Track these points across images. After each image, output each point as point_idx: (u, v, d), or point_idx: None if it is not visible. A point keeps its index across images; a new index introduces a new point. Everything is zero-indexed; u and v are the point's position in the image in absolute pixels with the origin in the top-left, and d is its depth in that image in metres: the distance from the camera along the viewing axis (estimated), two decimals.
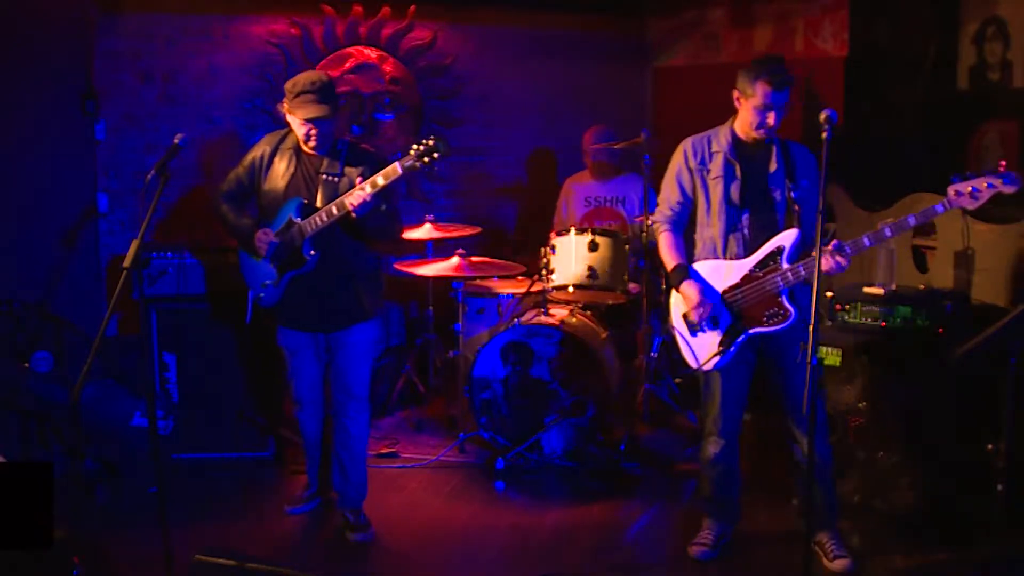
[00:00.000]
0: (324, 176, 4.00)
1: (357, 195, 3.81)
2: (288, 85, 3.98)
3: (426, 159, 3.75)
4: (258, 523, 4.38)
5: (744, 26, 6.33)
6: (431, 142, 3.76)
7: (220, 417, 4.98)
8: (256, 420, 4.99)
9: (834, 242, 3.58)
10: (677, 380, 5.70)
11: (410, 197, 6.50)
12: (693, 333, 3.86)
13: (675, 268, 3.88)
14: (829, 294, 4.48)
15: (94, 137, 5.67)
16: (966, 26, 5.09)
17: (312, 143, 4.01)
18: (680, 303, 3.88)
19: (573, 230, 5.15)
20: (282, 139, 4.14)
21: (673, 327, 3.94)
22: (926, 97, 5.26)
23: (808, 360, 3.21)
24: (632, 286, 5.21)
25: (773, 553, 4.04)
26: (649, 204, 5.36)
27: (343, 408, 4.21)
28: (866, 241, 3.54)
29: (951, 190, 3.41)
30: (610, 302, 5.40)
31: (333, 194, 3.95)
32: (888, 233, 3.50)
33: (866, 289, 4.39)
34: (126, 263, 3.28)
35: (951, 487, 4.08)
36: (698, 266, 3.88)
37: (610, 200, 5.98)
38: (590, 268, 5.06)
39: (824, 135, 3.40)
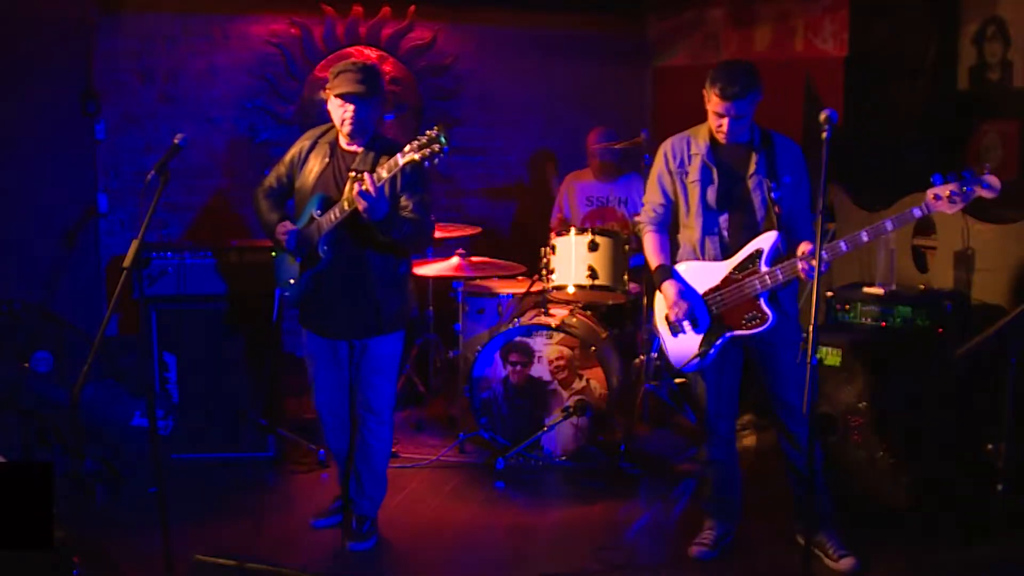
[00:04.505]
0: (354, 172, 3.81)
1: (360, 189, 3.63)
2: (331, 69, 3.90)
3: (426, 151, 3.55)
4: (258, 523, 4.37)
5: (744, 26, 6.34)
6: (433, 132, 3.57)
7: (220, 417, 4.98)
8: (256, 420, 4.99)
9: (809, 247, 3.57)
10: (677, 380, 5.71)
11: None
12: (674, 334, 3.86)
13: (657, 268, 3.89)
14: (829, 294, 4.48)
15: (94, 137, 5.68)
16: (966, 26, 5.09)
17: (347, 128, 3.85)
18: (662, 304, 3.89)
19: (573, 230, 5.15)
20: (322, 134, 4.04)
21: (656, 328, 3.95)
22: (926, 97, 5.26)
23: (808, 360, 3.22)
24: (632, 286, 5.21)
25: (773, 553, 4.04)
26: None
27: (363, 420, 4.12)
28: (843, 246, 3.51)
29: (930, 193, 3.40)
30: (610, 302, 5.41)
31: None
32: (865, 238, 3.49)
33: (866, 289, 4.39)
34: (126, 263, 3.28)
35: (951, 487, 4.08)
36: (680, 267, 3.88)
37: (612, 200, 5.99)
38: (590, 268, 5.06)
39: (824, 135, 3.40)
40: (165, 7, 5.91)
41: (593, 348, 4.97)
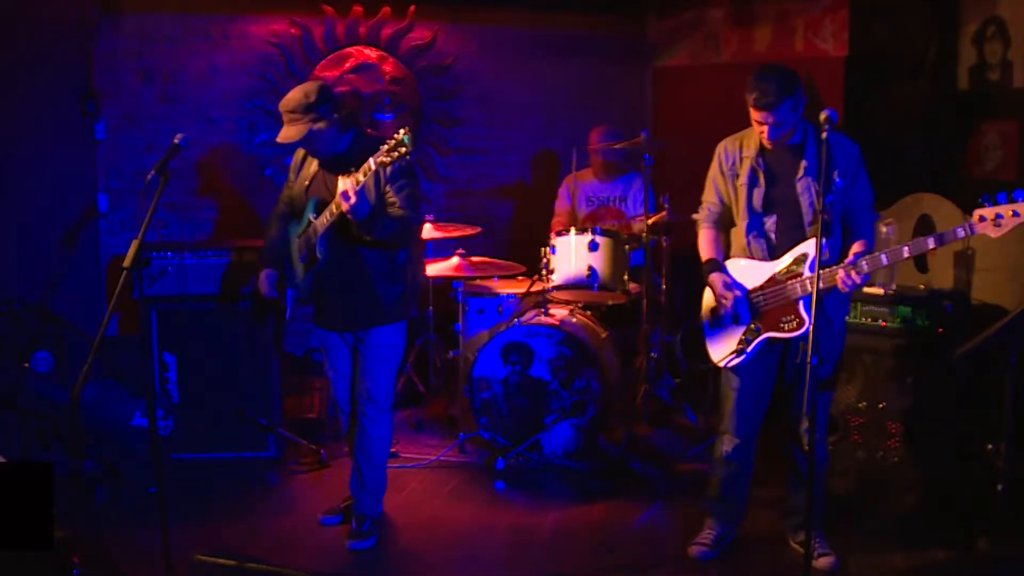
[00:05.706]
0: (342, 173, 3.93)
1: (341, 192, 3.78)
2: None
3: (394, 154, 3.67)
4: (258, 523, 4.37)
5: (744, 26, 6.34)
6: (399, 136, 3.67)
7: (220, 417, 4.98)
8: (256, 420, 4.99)
9: (860, 247, 3.57)
10: (677, 380, 5.70)
11: None
12: (716, 329, 3.88)
13: (707, 261, 3.92)
14: None
15: (94, 137, 5.68)
16: (966, 26, 5.09)
17: (315, 157, 4.10)
18: (709, 297, 3.92)
19: (573, 230, 5.15)
20: None
21: (701, 321, 3.97)
22: (926, 97, 5.25)
23: (808, 360, 3.22)
24: (632, 286, 5.21)
25: (773, 554, 4.04)
26: (648, 204, 5.37)
27: (362, 409, 4.19)
28: (883, 259, 3.50)
29: (976, 214, 3.33)
30: (610, 302, 5.40)
31: None
32: (906, 253, 3.47)
33: (866, 289, 4.39)
34: (126, 263, 3.28)
35: (951, 487, 4.08)
36: (729, 263, 3.90)
37: (614, 199, 5.99)
38: (590, 268, 5.06)
39: (824, 135, 3.40)
40: (165, 7, 5.91)
41: (593, 348, 4.97)
